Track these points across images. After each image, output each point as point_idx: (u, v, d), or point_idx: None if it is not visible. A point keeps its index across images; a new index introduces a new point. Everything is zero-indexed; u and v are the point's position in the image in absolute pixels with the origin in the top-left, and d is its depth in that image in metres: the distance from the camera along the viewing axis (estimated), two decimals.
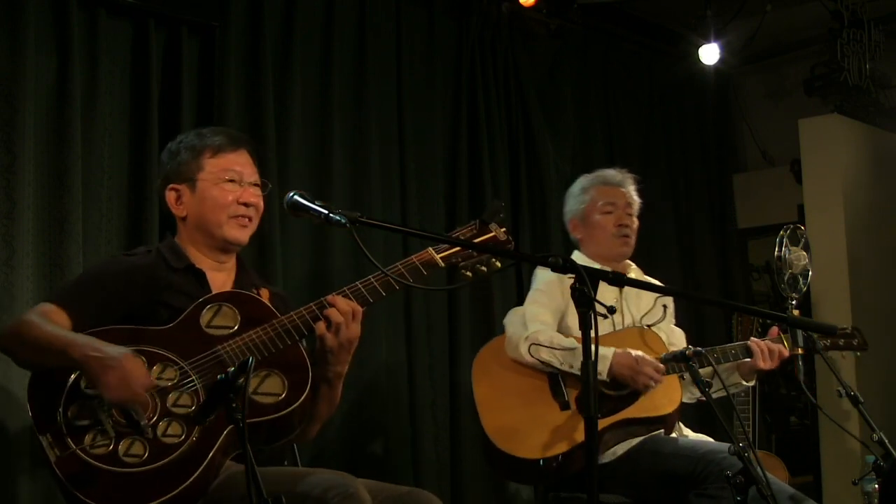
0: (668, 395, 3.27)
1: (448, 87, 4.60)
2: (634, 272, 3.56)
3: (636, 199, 3.61)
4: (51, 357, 2.21)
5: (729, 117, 6.10)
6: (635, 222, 3.58)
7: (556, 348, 3.24)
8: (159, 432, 2.20)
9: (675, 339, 3.55)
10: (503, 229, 2.55)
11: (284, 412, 2.32)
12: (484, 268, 2.52)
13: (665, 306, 3.55)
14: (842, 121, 5.19)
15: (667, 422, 3.29)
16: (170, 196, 2.61)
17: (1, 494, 3.06)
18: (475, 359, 3.45)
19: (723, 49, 5.18)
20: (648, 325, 3.46)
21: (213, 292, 2.51)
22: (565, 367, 3.24)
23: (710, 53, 5.16)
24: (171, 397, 2.26)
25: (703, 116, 5.92)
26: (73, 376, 2.22)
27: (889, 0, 5.13)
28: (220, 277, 2.61)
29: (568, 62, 5.17)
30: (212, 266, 2.61)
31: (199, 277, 2.55)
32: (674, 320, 3.62)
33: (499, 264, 2.53)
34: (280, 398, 2.32)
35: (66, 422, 2.17)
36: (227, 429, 2.23)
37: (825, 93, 5.30)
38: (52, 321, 2.29)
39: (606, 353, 3.23)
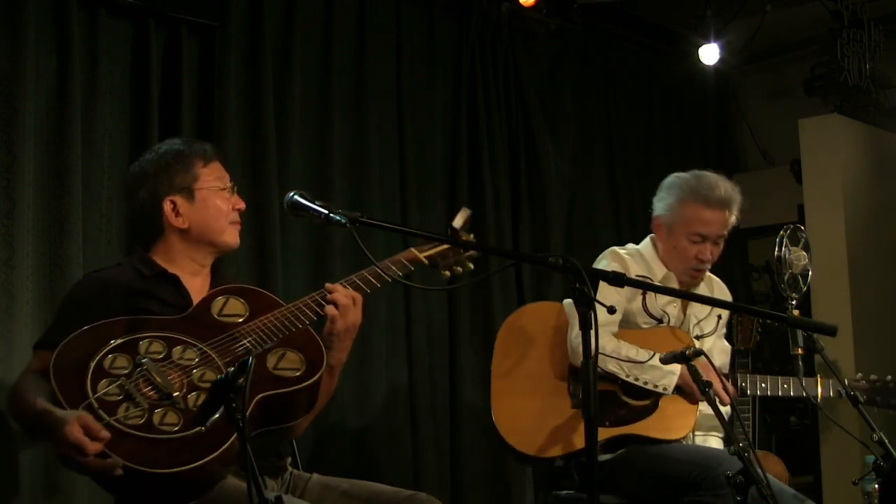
0: (682, 419, 3.21)
1: (448, 87, 4.60)
2: (705, 279, 3.45)
3: (734, 221, 3.34)
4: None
5: (729, 117, 6.10)
6: (720, 249, 3.36)
7: (622, 360, 3.16)
8: (190, 403, 2.24)
9: (716, 351, 3.40)
10: (472, 235, 2.79)
11: (306, 383, 2.39)
12: (459, 268, 2.75)
13: (719, 317, 3.44)
14: (842, 121, 5.18)
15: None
16: (167, 207, 2.61)
17: (3, 488, 3.08)
18: (502, 327, 3.36)
19: (723, 49, 5.18)
20: (700, 336, 3.36)
21: (192, 295, 2.57)
22: (630, 379, 3.17)
23: (710, 53, 5.16)
24: (197, 373, 2.30)
25: (703, 116, 5.92)
26: (97, 357, 2.25)
27: (889, 0, 5.13)
28: (197, 282, 2.64)
29: (568, 62, 5.17)
30: (194, 271, 2.65)
31: (174, 282, 2.59)
32: (724, 330, 3.50)
33: (471, 266, 2.77)
34: (300, 372, 2.40)
35: (97, 397, 2.19)
36: (255, 400, 2.29)
37: (825, 93, 5.30)
38: (38, 386, 2.31)
39: (674, 370, 3.13)
